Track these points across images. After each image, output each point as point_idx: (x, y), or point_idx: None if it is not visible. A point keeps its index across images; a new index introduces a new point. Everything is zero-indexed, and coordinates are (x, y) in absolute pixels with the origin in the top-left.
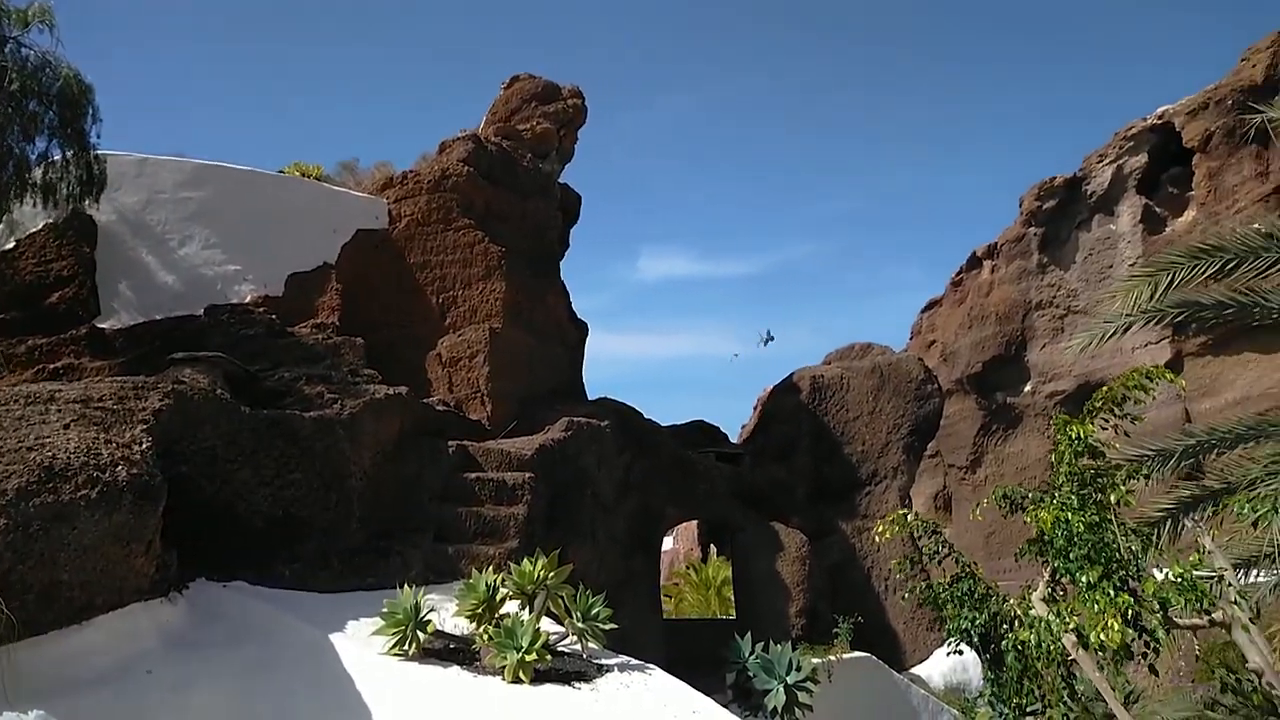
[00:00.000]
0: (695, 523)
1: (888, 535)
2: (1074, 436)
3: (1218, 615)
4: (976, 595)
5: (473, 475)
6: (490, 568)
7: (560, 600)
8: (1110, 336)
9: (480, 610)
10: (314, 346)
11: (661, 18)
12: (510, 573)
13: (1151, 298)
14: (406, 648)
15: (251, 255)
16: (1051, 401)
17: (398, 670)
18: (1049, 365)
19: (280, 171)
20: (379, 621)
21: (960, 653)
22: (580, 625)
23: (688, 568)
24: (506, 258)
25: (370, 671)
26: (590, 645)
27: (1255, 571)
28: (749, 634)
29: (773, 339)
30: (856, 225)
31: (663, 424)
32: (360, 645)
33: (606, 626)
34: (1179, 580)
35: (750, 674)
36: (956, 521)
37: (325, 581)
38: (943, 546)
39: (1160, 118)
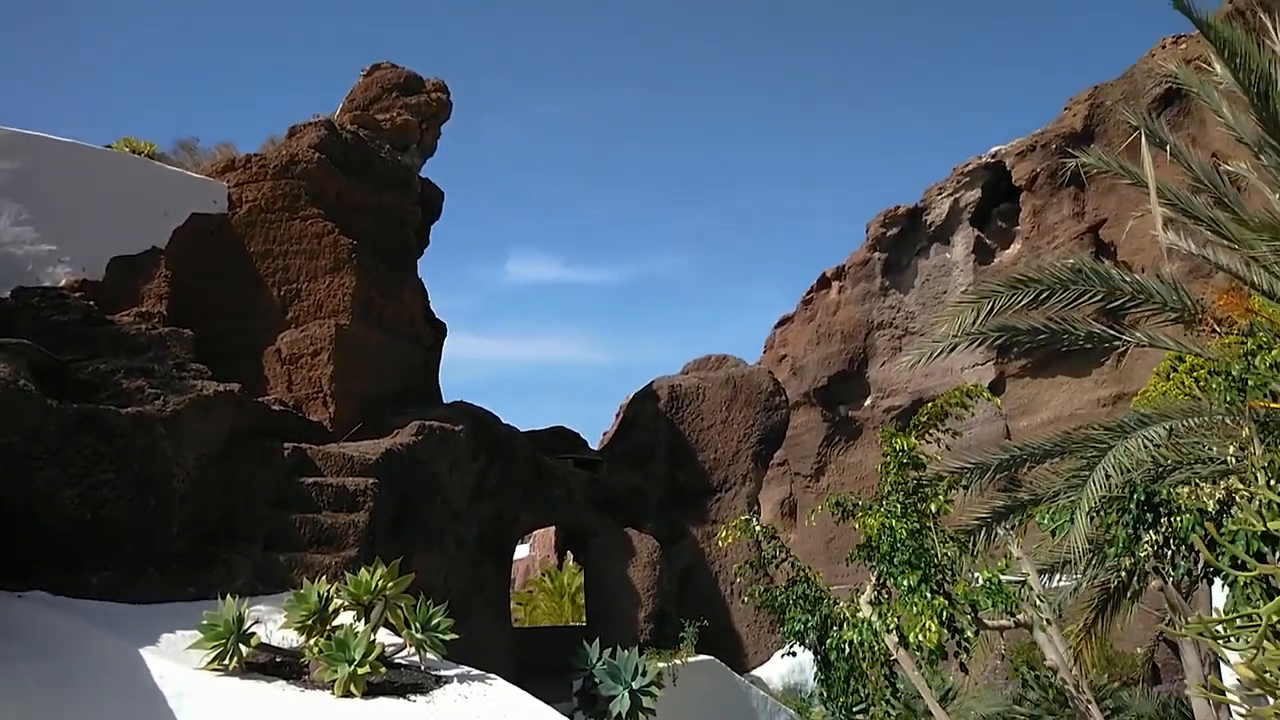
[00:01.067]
0: (553, 529)
1: (730, 540)
2: (899, 449)
3: (1021, 617)
4: (810, 598)
5: (310, 480)
6: (325, 577)
7: (400, 611)
8: (937, 356)
9: (311, 622)
10: (136, 337)
11: (538, 22)
12: (346, 582)
13: (974, 322)
14: (227, 662)
15: (70, 235)
16: (889, 415)
17: (216, 686)
18: (887, 381)
19: (108, 147)
20: (197, 634)
21: (794, 654)
22: (419, 636)
23: (543, 575)
24: (358, 251)
25: (185, 688)
26: (429, 656)
27: (1059, 576)
28: (597, 640)
29: None
30: (718, 241)
31: (523, 429)
32: (175, 660)
33: (447, 637)
34: (988, 584)
35: (597, 680)
36: (800, 527)
37: (140, 591)
38: (781, 551)
39: (993, 156)
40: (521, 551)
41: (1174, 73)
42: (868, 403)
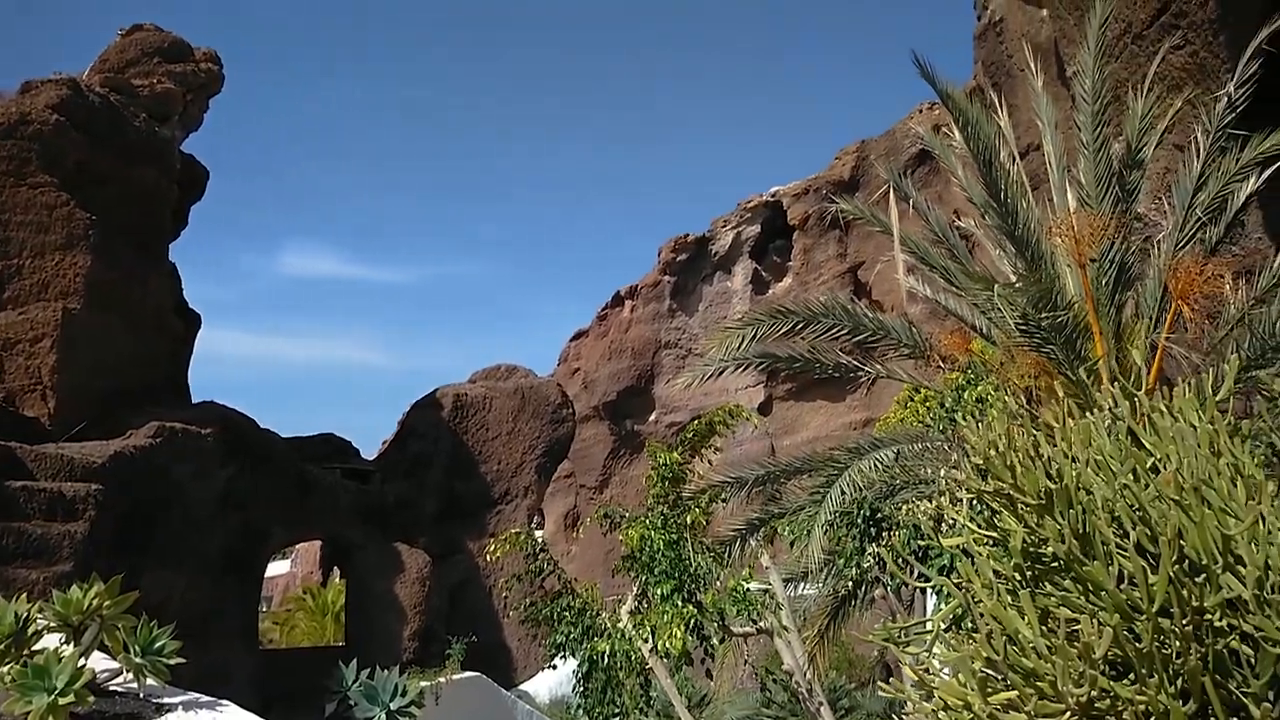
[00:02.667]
0: (319, 544)
1: (499, 554)
2: (662, 463)
3: (764, 624)
4: (575, 610)
5: (18, 484)
6: (25, 595)
7: (118, 633)
8: (708, 378)
9: (6, 646)
10: None
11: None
12: (53, 600)
13: (740, 347)
14: None
15: None
16: (670, 431)
17: None
18: (671, 399)
19: None
20: None
21: (554, 667)
22: (138, 660)
23: (304, 592)
24: (98, 227)
25: None
26: (150, 683)
27: (804, 585)
28: (355, 661)
29: None
30: (519, 251)
31: (288, 435)
32: None
33: (172, 661)
34: (733, 593)
35: (352, 702)
36: (582, 539)
37: None
38: (549, 564)
39: (773, 196)
40: (282, 567)
41: (922, 135)
42: (652, 418)
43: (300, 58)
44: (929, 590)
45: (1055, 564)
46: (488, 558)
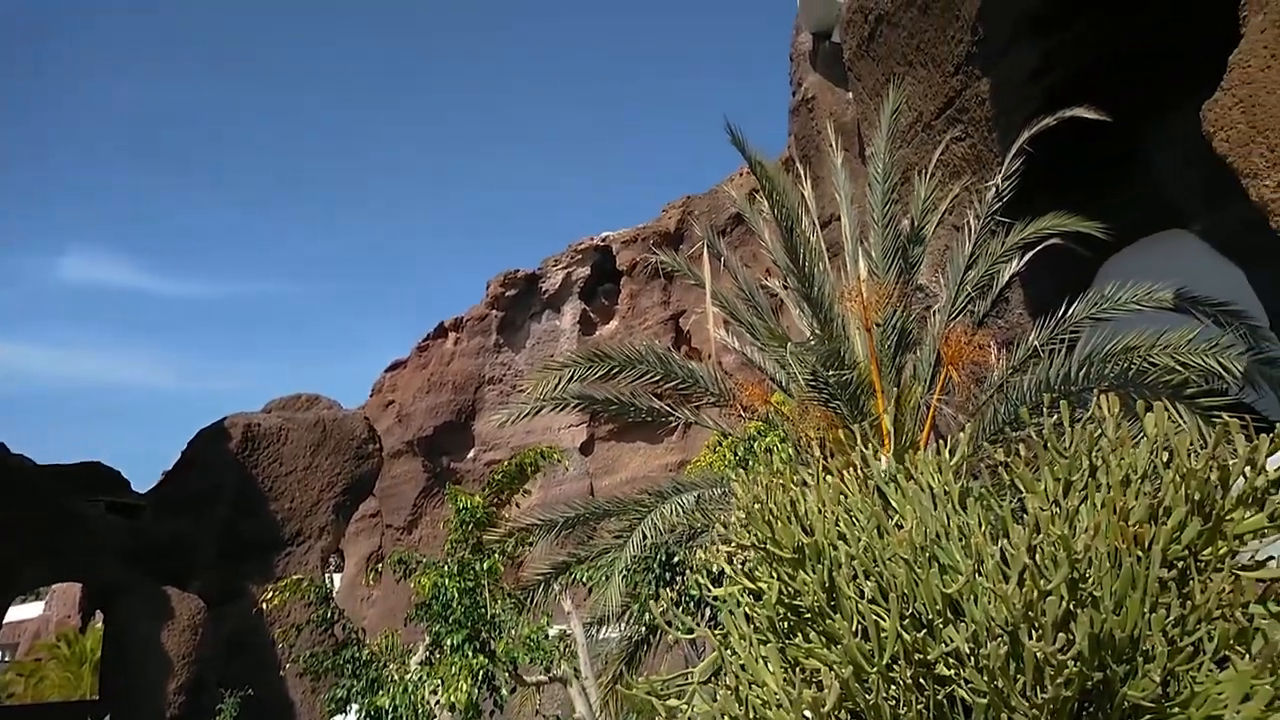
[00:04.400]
0: (79, 585)
1: (277, 602)
2: (462, 506)
3: (557, 671)
4: (359, 661)
5: None
6: None
7: None
8: (524, 416)
9: None
10: None
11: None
12: None
13: (557, 388)
14: None
15: None
16: (488, 469)
17: None
18: (491, 435)
19: None
20: None
21: None
22: None
23: (59, 640)
24: None
25: None
26: None
27: (607, 628)
28: (108, 718)
29: None
30: (339, 274)
31: (44, 462)
32: None
33: None
34: (527, 640)
35: None
36: (386, 583)
37: None
38: (335, 613)
39: (604, 241)
40: (33, 610)
41: (735, 198)
42: (471, 455)
43: (72, 50)
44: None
45: (809, 616)
46: (264, 606)
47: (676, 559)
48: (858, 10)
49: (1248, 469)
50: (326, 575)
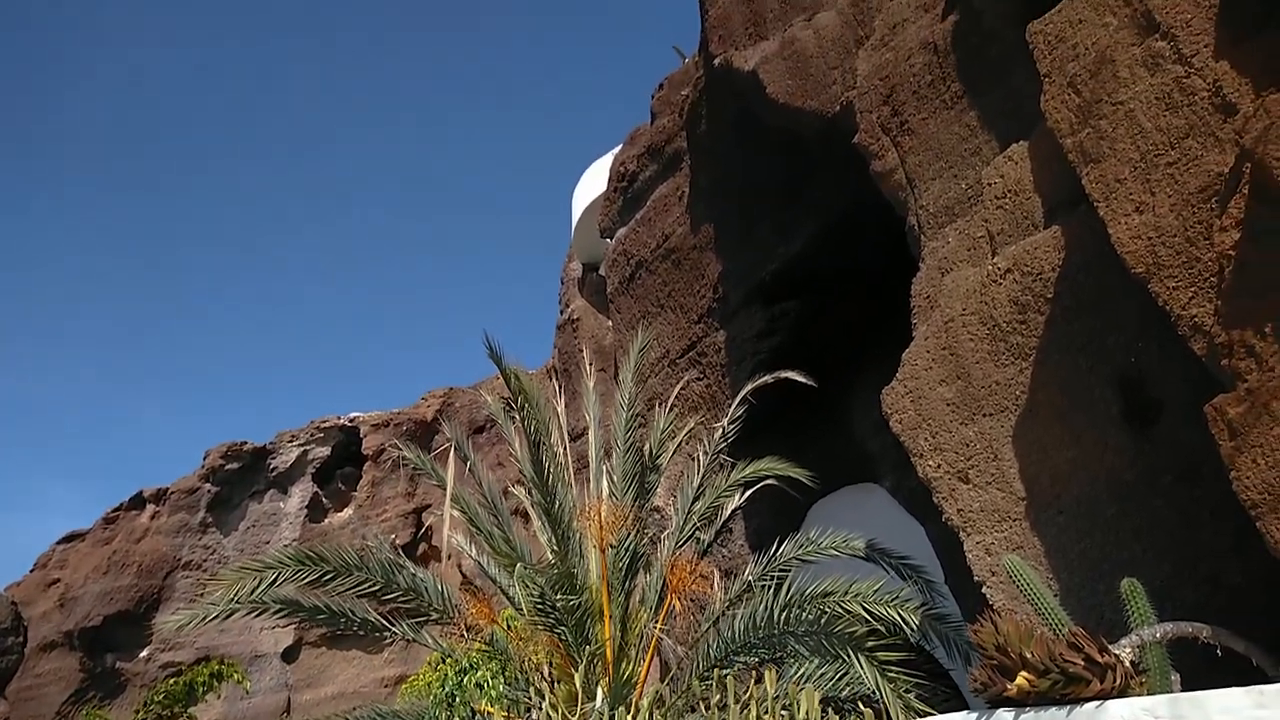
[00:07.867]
0: None
1: None
2: None
3: None
4: None
5: None
6: None
7: None
8: (211, 620)
9: None
10: None
11: None
12: None
13: (253, 592)
14: None
15: None
16: (164, 672)
17: None
18: (174, 633)
19: None
20: None
21: None
22: None
23: None
24: None
25: None
26: None
27: None
28: None
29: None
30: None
31: None
32: None
33: None
34: None
35: None
36: None
37: None
38: None
39: (351, 421)
40: None
41: (488, 401)
42: (145, 654)
43: None
44: None
45: None
46: None
47: None
48: (622, 253)
49: None
50: None
